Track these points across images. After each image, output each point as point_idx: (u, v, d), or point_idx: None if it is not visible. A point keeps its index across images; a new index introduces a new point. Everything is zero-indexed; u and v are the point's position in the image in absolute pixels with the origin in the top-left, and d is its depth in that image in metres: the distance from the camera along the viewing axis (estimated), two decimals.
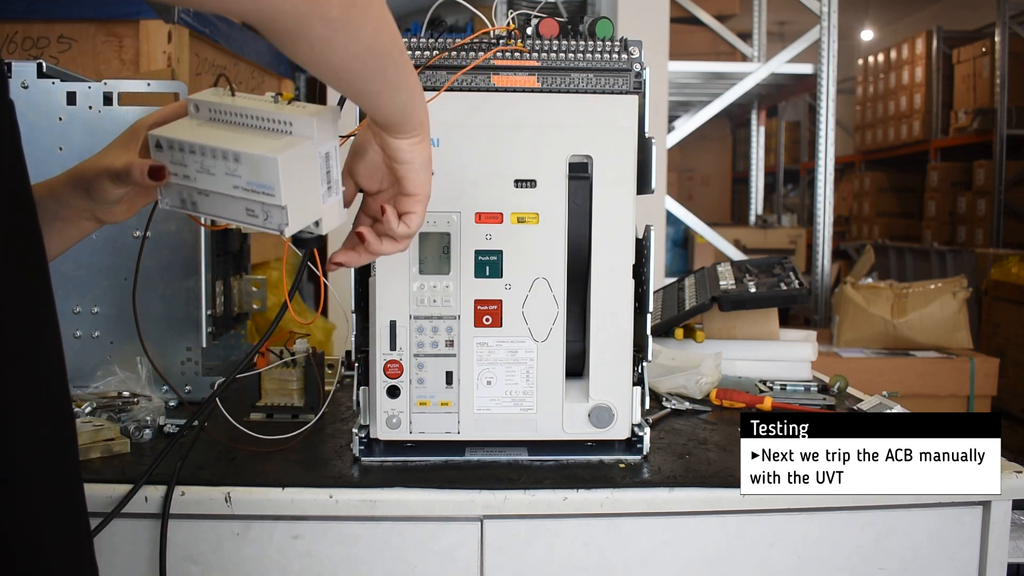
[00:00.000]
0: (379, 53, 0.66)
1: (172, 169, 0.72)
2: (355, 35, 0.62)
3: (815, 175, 3.26)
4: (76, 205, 0.79)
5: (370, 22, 0.63)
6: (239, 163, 0.69)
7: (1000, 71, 4.92)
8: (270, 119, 0.71)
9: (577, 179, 0.97)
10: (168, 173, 0.72)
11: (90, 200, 0.78)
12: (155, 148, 0.72)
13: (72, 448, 0.61)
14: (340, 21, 0.60)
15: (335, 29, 0.60)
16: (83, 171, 0.78)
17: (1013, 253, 3.98)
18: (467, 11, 0.95)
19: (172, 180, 0.72)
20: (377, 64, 0.67)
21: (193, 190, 0.72)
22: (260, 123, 0.71)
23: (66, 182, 0.79)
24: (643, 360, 1.02)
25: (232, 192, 0.70)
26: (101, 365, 1.22)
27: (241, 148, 0.69)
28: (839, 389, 1.38)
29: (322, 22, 0.58)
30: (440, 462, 1.00)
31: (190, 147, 0.71)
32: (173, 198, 0.74)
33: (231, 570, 0.93)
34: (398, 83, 0.70)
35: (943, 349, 2.75)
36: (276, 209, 0.69)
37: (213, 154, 0.70)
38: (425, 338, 0.98)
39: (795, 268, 1.60)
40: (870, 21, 8.26)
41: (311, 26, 0.58)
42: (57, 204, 0.78)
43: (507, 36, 0.97)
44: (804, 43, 3.30)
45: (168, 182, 0.73)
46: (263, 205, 0.70)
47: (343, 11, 0.59)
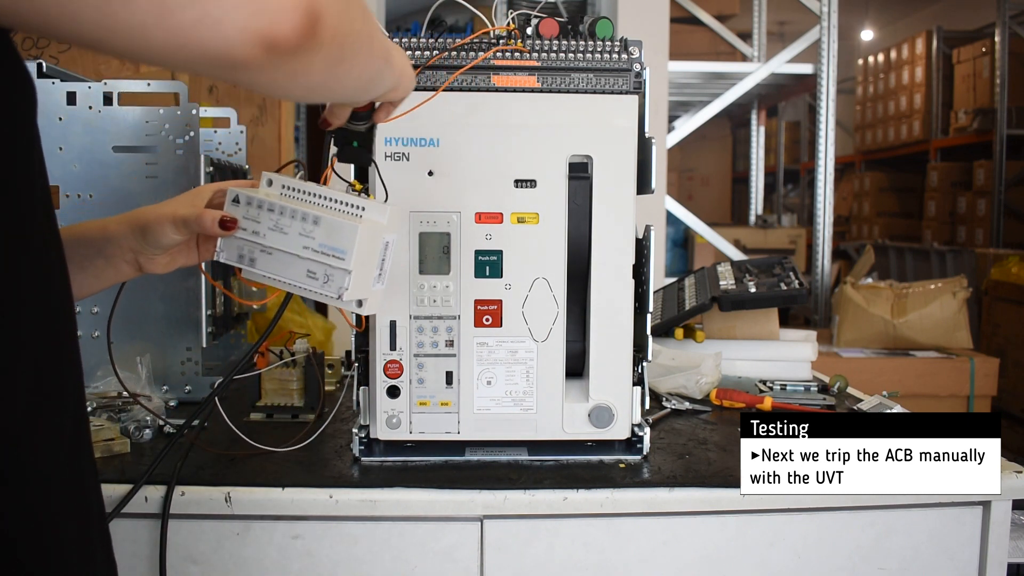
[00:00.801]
0: (367, 81, 0.65)
1: (243, 224, 0.77)
2: (341, 83, 0.59)
3: (815, 175, 3.26)
4: (125, 246, 0.81)
5: (357, 67, 0.59)
6: (317, 225, 0.74)
7: (1000, 71, 4.92)
8: (344, 202, 0.77)
9: (577, 179, 0.97)
10: (237, 226, 0.77)
11: (143, 243, 0.81)
12: (231, 202, 0.78)
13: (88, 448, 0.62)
14: (322, 86, 0.57)
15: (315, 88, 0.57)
16: (143, 214, 0.82)
17: (1013, 253, 3.98)
18: (467, 11, 0.95)
19: (238, 234, 0.77)
20: (365, 84, 0.66)
21: (256, 247, 0.77)
22: (333, 204, 0.77)
23: (121, 222, 0.82)
24: (643, 360, 1.02)
25: (300, 252, 0.75)
26: (101, 365, 1.22)
27: (321, 213, 0.75)
28: (839, 389, 1.38)
29: (304, 90, 0.55)
30: (440, 462, 1.00)
31: (269, 205, 0.76)
32: (231, 252, 0.79)
33: (231, 570, 0.93)
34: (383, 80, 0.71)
35: (943, 349, 2.75)
36: (340, 273, 0.74)
37: (292, 214, 0.75)
38: (425, 338, 0.98)
39: (795, 268, 1.60)
40: (870, 21, 8.26)
41: (291, 92, 0.56)
42: (105, 241, 0.81)
43: (507, 36, 0.97)
44: (804, 43, 3.30)
45: (233, 235, 0.77)
46: (327, 268, 0.74)
47: (326, 74, 0.55)
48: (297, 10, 0.46)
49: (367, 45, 0.59)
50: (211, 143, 1.42)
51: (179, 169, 1.24)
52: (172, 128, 1.24)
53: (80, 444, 0.61)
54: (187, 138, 1.24)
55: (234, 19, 0.44)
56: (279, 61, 0.47)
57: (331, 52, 0.52)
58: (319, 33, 0.48)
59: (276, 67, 0.48)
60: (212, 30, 0.43)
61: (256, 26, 0.45)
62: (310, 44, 0.48)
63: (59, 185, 1.23)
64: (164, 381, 1.27)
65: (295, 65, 0.49)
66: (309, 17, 0.47)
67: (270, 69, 0.48)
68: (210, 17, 0.43)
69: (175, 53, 0.44)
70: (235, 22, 0.44)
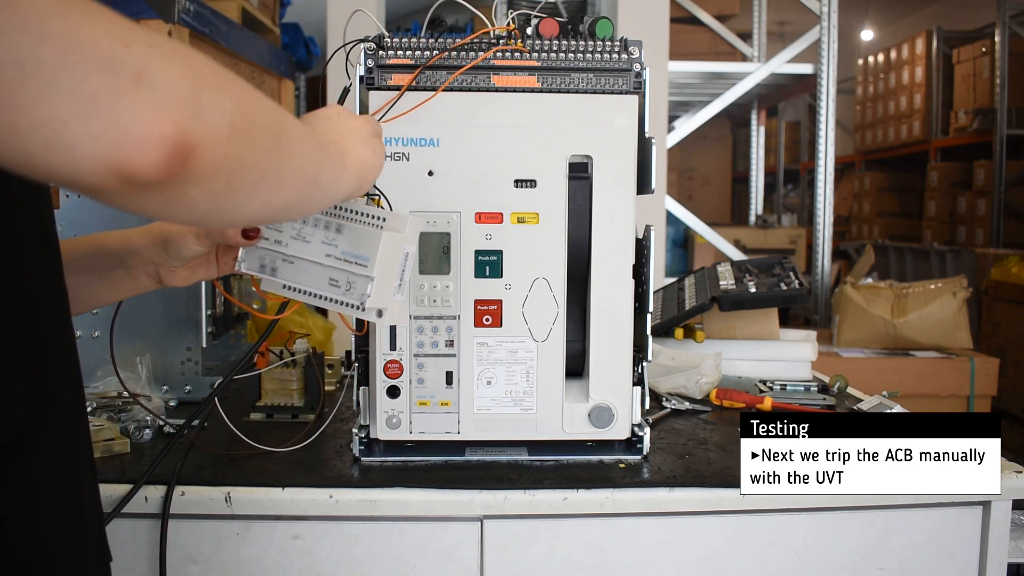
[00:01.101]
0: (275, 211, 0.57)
1: (265, 234, 0.78)
2: (243, 213, 0.53)
3: (815, 175, 3.26)
4: (146, 257, 0.81)
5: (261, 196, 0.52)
6: (340, 233, 0.75)
7: (1000, 71, 4.92)
8: (363, 212, 0.77)
9: (577, 179, 0.97)
10: (259, 236, 0.77)
11: (164, 255, 0.81)
12: None
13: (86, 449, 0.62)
14: (216, 216, 0.51)
15: (202, 218, 0.51)
16: (165, 227, 0.81)
17: (1013, 253, 3.98)
18: (467, 11, 0.95)
19: (260, 244, 0.78)
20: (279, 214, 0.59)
21: (278, 256, 0.77)
22: (353, 215, 0.77)
23: (143, 234, 0.82)
24: (643, 360, 1.01)
25: (323, 260, 0.76)
26: (101, 365, 1.22)
27: (343, 222, 0.76)
28: (839, 389, 1.38)
29: (196, 217, 0.51)
30: (440, 462, 1.00)
31: None
32: (252, 262, 0.79)
33: (231, 570, 0.93)
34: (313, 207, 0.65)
35: (943, 349, 2.75)
36: (363, 280, 0.75)
37: (315, 223, 0.76)
38: (425, 338, 0.98)
39: (795, 268, 1.60)
40: (870, 21, 8.26)
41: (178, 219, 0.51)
42: (127, 252, 0.81)
43: (507, 36, 0.97)
44: (804, 43, 3.30)
45: (255, 245, 0.78)
46: (349, 275, 0.75)
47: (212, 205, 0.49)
48: (162, 144, 0.42)
49: (274, 175, 0.52)
50: None
51: None
52: None
53: (77, 446, 0.60)
54: None
55: (87, 148, 0.40)
56: (140, 192, 0.43)
57: (214, 185, 0.46)
58: (191, 167, 0.44)
59: (138, 196, 0.44)
60: (63, 155, 0.40)
61: (111, 157, 0.41)
62: (179, 178, 0.44)
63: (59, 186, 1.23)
64: (164, 381, 1.27)
65: (164, 196, 0.45)
66: (177, 151, 0.43)
67: (132, 197, 0.44)
68: (60, 142, 0.40)
69: (30, 172, 0.41)
70: (87, 151, 0.40)
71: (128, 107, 0.41)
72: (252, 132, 0.49)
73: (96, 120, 0.40)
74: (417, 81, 0.95)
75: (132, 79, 0.41)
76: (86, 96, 0.39)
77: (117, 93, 0.40)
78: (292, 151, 0.54)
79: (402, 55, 0.95)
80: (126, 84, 0.40)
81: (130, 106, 0.41)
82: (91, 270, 0.81)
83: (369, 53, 0.95)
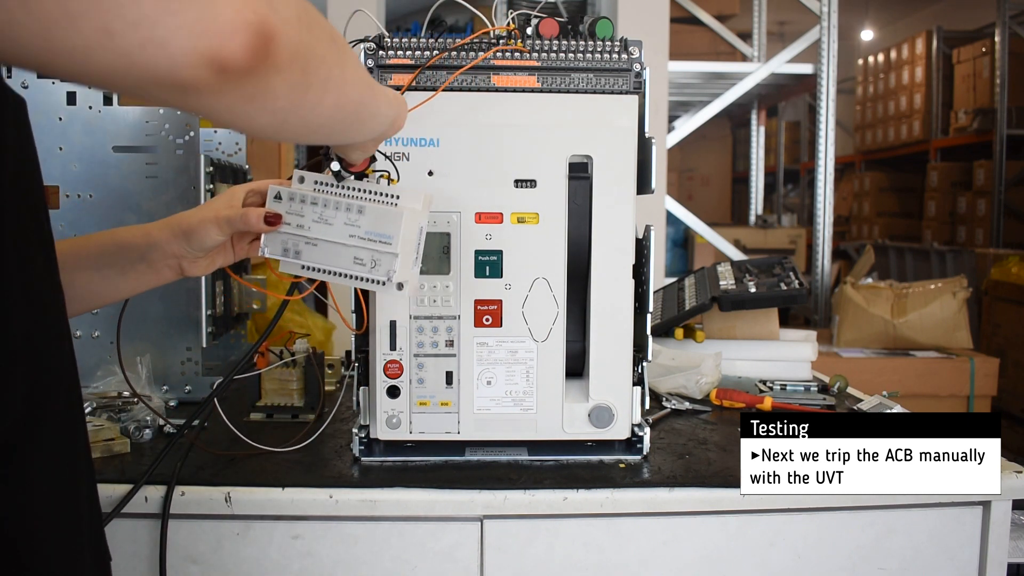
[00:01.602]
0: (344, 116, 0.62)
1: (287, 219, 0.81)
2: (312, 112, 0.56)
3: (815, 175, 3.26)
4: (168, 250, 0.84)
5: (330, 95, 0.57)
6: (362, 214, 0.79)
7: (1000, 71, 4.92)
8: (378, 192, 0.80)
9: (577, 179, 0.97)
10: (281, 221, 0.81)
11: (186, 246, 0.83)
12: (274, 199, 0.82)
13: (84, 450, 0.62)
14: (293, 115, 0.54)
15: (285, 115, 0.53)
16: (185, 219, 0.84)
17: (1013, 253, 3.98)
18: (467, 11, 0.95)
19: (283, 229, 0.81)
20: (343, 124, 0.64)
21: (300, 239, 0.81)
22: (369, 195, 0.80)
23: (163, 228, 0.84)
24: (643, 360, 1.01)
25: (347, 241, 0.79)
26: (101, 365, 1.22)
27: (364, 203, 0.79)
28: (839, 389, 1.38)
29: (271, 116, 0.52)
30: (440, 462, 1.00)
31: (312, 199, 0.81)
32: (275, 246, 0.82)
33: (231, 570, 0.93)
34: (372, 124, 0.70)
35: (943, 349, 2.75)
36: (388, 256, 0.78)
37: (336, 206, 0.79)
38: (425, 338, 0.98)
39: (795, 268, 1.60)
40: (870, 21, 8.26)
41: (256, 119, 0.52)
42: (148, 247, 0.83)
43: (507, 36, 0.97)
44: (804, 43, 3.30)
45: (277, 230, 0.81)
46: (374, 253, 0.78)
47: (292, 99, 0.52)
48: (247, 30, 0.44)
49: (338, 72, 0.56)
50: (211, 143, 1.42)
51: (179, 169, 1.24)
52: (172, 128, 1.24)
53: (75, 446, 0.60)
54: (187, 138, 1.24)
55: (180, 40, 0.42)
56: (231, 84, 0.46)
57: (292, 75, 0.50)
58: (273, 53, 0.46)
59: (230, 90, 0.46)
60: (159, 52, 0.42)
61: (203, 47, 0.43)
62: (264, 65, 0.46)
63: (59, 185, 1.23)
64: (164, 381, 1.27)
65: (251, 88, 0.47)
66: (260, 36, 0.45)
67: (223, 92, 0.46)
68: (156, 39, 0.42)
69: (122, 76, 0.43)
70: (181, 43, 0.42)
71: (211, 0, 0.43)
72: (315, 26, 0.52)
73: (185, 14, 0.42)
74: (417, 81, 0.95)
75: None
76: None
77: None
78: (347, 52, 0.59)
79: (402, 55, 0.95)
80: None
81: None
82: (112, 265, 0.83)
83: (369, 53, 0.95)
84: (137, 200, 1.24)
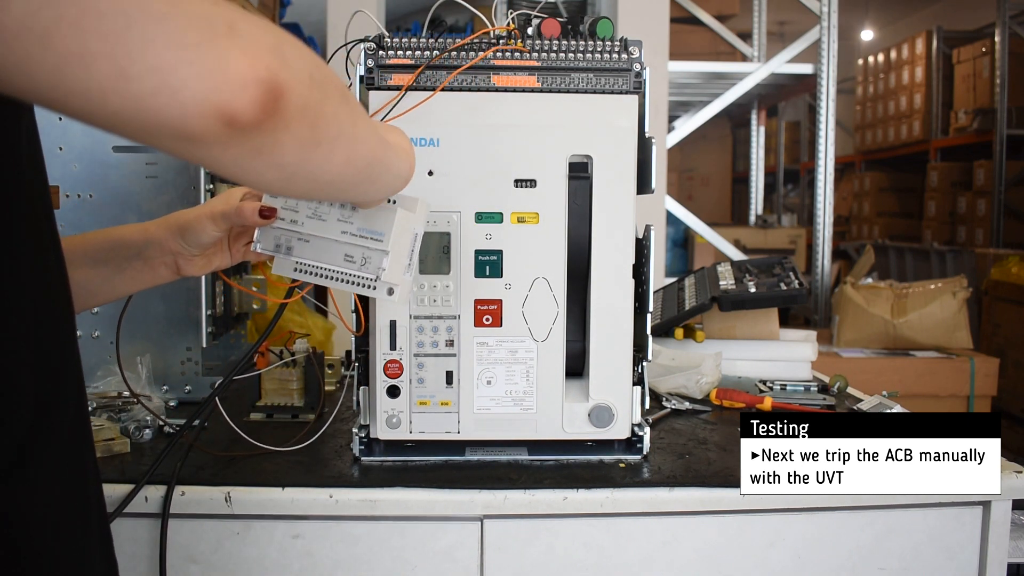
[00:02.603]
0: (356, 172, 0.61)
1: (281, 214, 0.80)
2: (320, 168, 0.55)
3: (815, 175, 3.26)
4: (165, 248, 0.84)
5: (340, 151, 0.56)
6: (355, 211, 0.78)
7: (1000, 71, 4.92)
8: None
9: (577, 179, 0.97)
10: (276, 215, 0.80)
11: (183, 243, 0.84)
12: (269, 195, 0.81)
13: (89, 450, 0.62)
14: (301, 169, 0.53)
15: (293, 170, 0.53)
16: (181, 216, 0.84)
17: (1013, 253, 3.98)
18: (467, 11, 0.95)
19: (276, 224, 0.80)
20: (354, 180, 0.63)
21: (293, 235, 0.80)
22: None
23: (160, 225, 0.84)
24: (643, 360, 1.02)
25: (338, 237, 0.78)
26: (101, 365, 1.22)
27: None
28: (839, 389, 1.38)
29: (278, 171, 0.52)
30: (440, 462, 1.00)
31: None
32: (268, 242, 0.82)
33: (231, 570, 0.93)
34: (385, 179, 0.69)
35: (943, 349, 2.75)
36: (378, 254, 0.77)
37: (331, 203, 0.78)
38: (425, 338, 0.98)
39: (795, 268, 1.60)
40: (870, 21, 8.26)
41: (264, 174, 0.51)
42: (145, 244, 0.83)
43: (507, 36, 0.97)
44: (804, 43, 3.30)
45: (272, 225, 0.80)
46: (365, 251, 0.78)
47: (300, 155, 0.51)
48: (259, 86, 0.45)
49: (350, 129, 0.56)
50: None
51: (179, 169, 1.24)
52: None
53: (82, 445, 0.61)
54: None
55: (192, 90, 0.43)
56: (239, 137, 0.46)
57: (301, 131, 0.49)
58: (283, 109, 0.46)
59: (237, 144, 0.46)
60: (169, 100, 0.42)
61: (215, 99, 0.43)
62: (273, 121, 0.46)
63: (59, 185, 1.23)
64: (164, 381, 1.27)
65: (259, 142, 0.47)
66: (271, 93, 0.45)
67: (230, 145, 0.46)
68: (168, 87, 0.42)
69: (131, 120, 0.43)
70: (194, 93, 0.43)
71: (226, 53, 0.44)
72: (326, 84, 0.52)
73: (199, 65, 0.43)
74: (417, 81, 0.95)
75: (226, 29, 0.44)
76: (188, 43, 0.42)
77: (215, 40, 0.43)
78: (358, 110, 0.58)
79: (402, 55, 0.95)
80: (221, 33, 0.44)
81: (227, 52, 0.44)
82: (109, 263, 0.83)
83: (369, 53, 0.95)
84: (137, 200, 1.24)
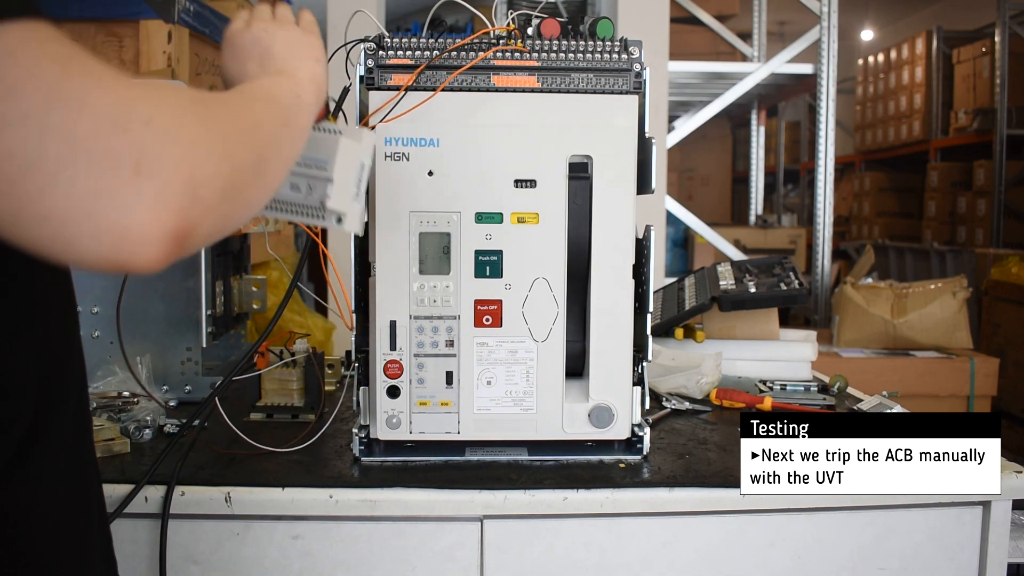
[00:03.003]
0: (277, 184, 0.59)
1: None
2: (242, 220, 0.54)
3: (815, 175, 3.26)
4: None
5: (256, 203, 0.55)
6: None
7: (1000, 71, 4.91)
8: (320, 127, 0.78)
9: (577, 179, 0.97)
10: None
11: None
12: None
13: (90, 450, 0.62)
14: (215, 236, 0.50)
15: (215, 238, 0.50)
16: None
17: (1013, 253, 3.98)
18: (467, 11, 0.95)
19: None
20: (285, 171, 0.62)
21: None
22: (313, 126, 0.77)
23: None
24: (643, 360, 1.01)
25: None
26: (101, 365, 1.22)
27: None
28: (839, 389, 1.38)
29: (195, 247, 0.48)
30: (440, 462, 1.00)
31: None
32: None
33: (231, 570, 0.93)
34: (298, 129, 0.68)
35: (943, 349, 2.75)
36: (322, 183, 0.76)
37: None
38: (425, 338, 0.98)
39: (795, 268, 1.60)
40: (870, 21, 8.26)
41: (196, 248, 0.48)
42: None
43: (507, 36, 0.97)
44: (804, 43, 3.30)
45: None
46: (310, 180, 0.76)
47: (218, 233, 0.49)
48: (161, 241, 0.42)
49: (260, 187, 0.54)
50: None
51: None
52: None
53: (83, 445, 0.61)
54: None
55: (88, 247, 0.40)
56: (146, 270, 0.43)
57: (210, 237, 0.47)
58: (189, 244, 0.44)
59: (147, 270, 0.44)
60: (66, 250, 0.40)
61: (114, 256, 0.41)
62: (177, 256, 0.44)
63: None
64: (164, 381, 1.26)
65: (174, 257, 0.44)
66: (176, 240, 0.43)
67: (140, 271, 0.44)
68: (61, 239, 0.40)
69: (38, 253, 0.41)
70: (89, 250, 0.41)
71: (129, 204, 0.40)
72: (238, 176, 0.48)
73: (97, 218, 0.40)
74: (417, 81, 0.95)
75: (132, 171, 0.40)
76: (87, 192, 0.39)
77: (118, 187, 0.40)
78: (269, 152, 0.55)
79: (402, 55, 0.95)
80: (126, 176, 0.40)
81: (131, 202, 0.40)
82: None
83: (369, 53, 0.95)
84: None
